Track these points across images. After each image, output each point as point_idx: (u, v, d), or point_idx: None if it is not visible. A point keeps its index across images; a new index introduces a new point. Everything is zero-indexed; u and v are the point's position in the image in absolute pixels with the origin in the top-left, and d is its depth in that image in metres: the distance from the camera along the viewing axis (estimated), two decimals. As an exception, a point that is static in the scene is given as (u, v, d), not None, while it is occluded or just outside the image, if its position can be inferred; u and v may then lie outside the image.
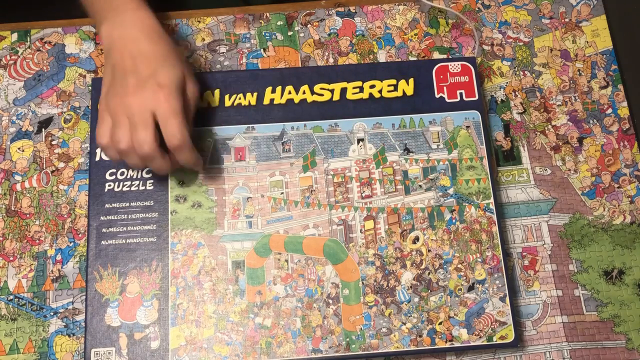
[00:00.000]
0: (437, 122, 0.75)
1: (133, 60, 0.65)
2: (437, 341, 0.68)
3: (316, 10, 0.83)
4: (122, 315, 0.67)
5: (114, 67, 0.66)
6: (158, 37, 0.67)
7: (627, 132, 0.79)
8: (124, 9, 0.68)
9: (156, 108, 0.63)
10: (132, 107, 0.63)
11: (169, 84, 0.64)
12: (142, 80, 0.64)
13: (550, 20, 0.84)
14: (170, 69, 0.65)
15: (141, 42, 0.66)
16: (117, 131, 0.63)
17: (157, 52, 0.66)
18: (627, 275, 0.74)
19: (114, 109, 0.64)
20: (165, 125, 0.63)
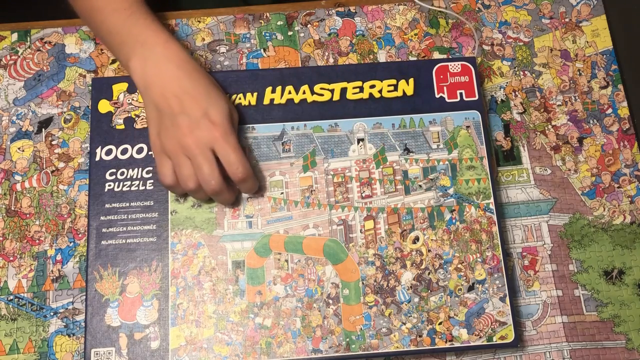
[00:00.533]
0: (437, 122, 0.75)
1: (179, 100, 0.65)
2: (437, 341, 0.68)
3: (316, 10, 0.83)
4: (122, 315, 0.67)
5: (158, 106, 0.66)
6: (196, 72, 0.67)
7: (627, 132, 0.79)
8: (154, 43, 0.67)
9: (214, 145, 0.65)
10: (191, 147, 0.64)
11: (222, 121, 0.65)
12: (195, 120, 0.64)
13: (550, 20, 0.84)
14: (218, 104, 0.66)
15: (182, 80, 0.66)
16: (182, 172, 0.65)
17: (200, 89, 0.66)
18: (627, 275, 0.74)
19: (173, 150, 0.65)
20: (228, 161, 0.65)
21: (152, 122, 0.67)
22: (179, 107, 0.65)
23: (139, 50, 0.67)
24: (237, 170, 0.65)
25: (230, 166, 0.65)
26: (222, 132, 0.65)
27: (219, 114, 0.66)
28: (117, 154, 0.72)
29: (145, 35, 0.68)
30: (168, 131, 0.65)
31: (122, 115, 0.73)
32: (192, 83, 0.66)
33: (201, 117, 0.65)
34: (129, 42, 0.68)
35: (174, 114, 0.65)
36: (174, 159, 0.65)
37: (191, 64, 0.68)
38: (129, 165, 0.71)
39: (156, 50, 0.67)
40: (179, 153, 0.65)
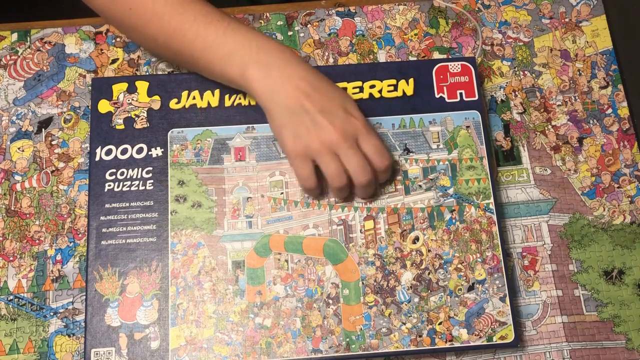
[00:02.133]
0: (437, 122, 0.75)
1: (312, 99, 0.64)
2: (437, 341, 0.68)
3: (316, 10, 0.83)
4: (122, 315, 0.67)
5: (291, 109, 0.64)
6: (314, 70, 0.68)
7: (627, 132, 0.79)
8: (269, 48, 0.66)
9: (358, 135, 0.65)
10: (339, 142, 0.64)
11: (360, 113, 0.67)
12: (336, 115, 0.64)
13: (550, 20, 0.84)
14: (348, 96, 0.68)
15: (310, 79, 0.65)
16: (332, 168, 0.65)
17: (328, 85, 0.67)
18: (627, 275, 0.74)
19: (318, 149, 0.64)
20: (375, 150, 0.66)
21: (286, 127, 0.65)
22: (315, 106, 0.64)
23: (256, 56, 0.65)
24: (382, 158, 0.66)
25: (376, 154, 0.66)
26: (363, 123, 0.66)
27: (353, 106, 0.67)
28: (117, 154, 0.72)
29: (258, 41, 0.66)
30: (310, 131, 0.64)
31: (122, 115, 0.73)
32: (319, 81, 0.66)
33: (341, 111, 0.65)
34: (240, 51, 0.66)
35: (312, 113, 0.64)
36: (321, 158, 0.64)
37: (308, 64, 0.68)
38: (129, 165, 0.71)
39: (275, 54, 0.66)
40: (325, 151, 0.64)
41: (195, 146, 0.72)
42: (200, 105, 0.74)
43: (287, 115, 0.64)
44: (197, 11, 0.67)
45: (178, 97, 0.74)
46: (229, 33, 0.66)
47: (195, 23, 0.67)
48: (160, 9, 0.67)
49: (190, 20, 0.67)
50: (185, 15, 0.67)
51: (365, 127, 0.66)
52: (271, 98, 0.65)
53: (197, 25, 0.67)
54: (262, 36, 0.68)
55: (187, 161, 0.72)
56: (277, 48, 0.67)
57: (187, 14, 0.67)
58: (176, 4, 0.67)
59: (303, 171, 0.66)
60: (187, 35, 0.67)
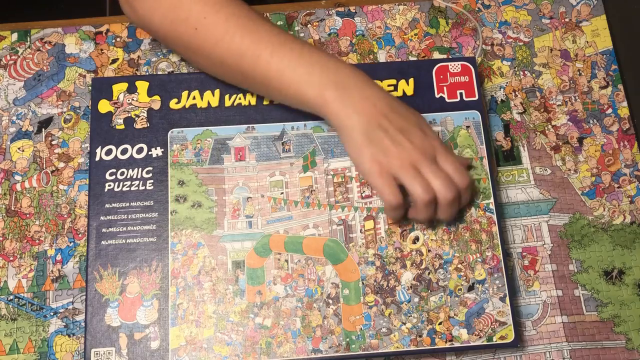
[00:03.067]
0: (437, 122, 0.75)
1: (391, 120, 0.65)
2: (437, 341, 0.68)
3: (316, 10, 0.83)
4: (122, 315, 0.67)
5: (369, 132, 0.64)
6: (383, 90, 0.68)
7: (627, 132, 0.79)
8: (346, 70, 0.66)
9: (437, 154, 0.65)
10: (420, 159, 0.64)
11: (433, 132, 0.68)
12: (415, 135, 0.65)
13: (550, 20, 0.84)
14: (421, 116, 0.68)
15: (387, 100, 0.66)
16: (419, 185, 0.64)
17: (402, 105, 0.67)
18: (627, 275, 0.74)
19: (400, 166, 0.64)
20: (454, 168, 0.66)
21: (365, 149, 0.64)
22: (395, 125, 0.64)
23: (334, 77, 0.65)
24: (463, 176, 0.66)
25: (456, 173, 0.66)
26: (440, 143, 0.66)
27: (428, 126, 0.68)
28: (117, 154, 0.72)
29: (335, 63, 0.66)
30: (390, 150, 0.64)
31: (122, 115, 0.73)
32: (395, 102, 0.67)
33: (418, 131, 0.65)
34: (317, 73, 0.65)
35: (392, 134, 0.64)
36: (405, 174, 0.64)
37: (380, 86, 0.68)
38: (129, 165, 0.71)
39: (352, 76, 0.66)
40: (408, 168, 0.64)
41: (195, 146, 0.72)
42: (200, 105, 0.74)
43: (365, 135, 0.64)
44: (270, 32, 0.66)
45: (178, 97, 0.74)
46: (304, 54, 0.66)
47: (270, 44, 0.65)
48: (232, 28, 0.66)
49: (265, 41, 0.66)
50: (258, 35, 0.66)
51: (442, 146, 0.66)
52: (349, 118, 0.64)
53: (272, 46, 0.65)
54: (336, 58, 0.68)
55: (187, 161, 0.72)
56: (352, 70, 0.67)
57: (260, 34, 0.66)
58: (248, 24, 0.66)
59: (388, 189, 0.65)
60: (261, 56, 0.65)
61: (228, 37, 0.66)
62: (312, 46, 0.68)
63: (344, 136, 0.65)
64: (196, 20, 0.67)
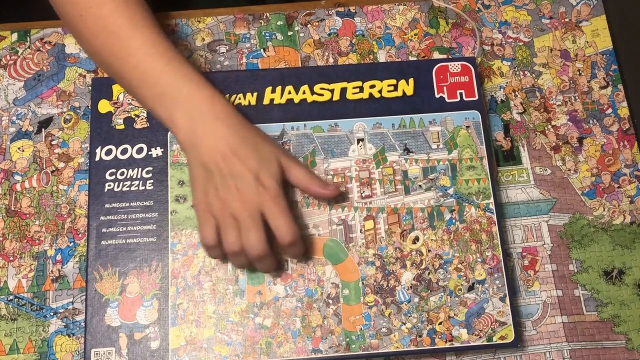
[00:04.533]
0: (437, 122, 0.75)
1: (229, 161, 0.63)
2: (437, 341, 0.68)
3: (316, 10, 0.83)
4: (122, 315, 0.67)
5: (206, 166, 0.63)
6: (244, 129, 0.66)
7: (627, 132, 0.79)
8: (201, 99, 0.65)
9: (264, 208, 0.63)
10: (240, 210, 0.62)
11: (272, 183, 0.64)
12: (246, 182, 0.63)
13: (550, 20, 0.84)
14: (269, 164, 0.65)
15: (232, 140, 0.64)
16: (228, 234, 0.63)
17: (250, 148, 0.64)
18: (627, 275, 0.74)
19: (220, 211, 0.63)
20: (277, 226, 0.63)
21: (198, 181, 0.64)
22: (228, 168, 0.63)
23: (184, 106, 0.64)
24: (286, 234, 0.63)
25: (279, 230, 0.63)
26: (273, 195, 0.63)
27: (269, 175, 0.64)
28: (117, 154, 0.72)
29: (190, 89, 0.65)
30: (217, 192, 0.63)
31: (122, 115, 0.73)
32: (242, 142, 0.64)
33: (252, 180, 0.63)
34: (171, 96, 0.65)
35: (224, 175, 0.63)
36: (220, 221, 0.63)
37: (239, 121, 0.66)
38: (129, 165, 0.71)
39: (204, 107, 0.65)
40: (225, 214, 0.63)
41: (195, 146, 0.72)
42: (200, 105, 0.73)
43: (201, 170, 0.64)
44: (145, 38, 0.66)
45: (178, 97, 0.74)
46: (166, 72, 0.65)
47: (140, 50, 0.65)
48: (110, 26, 0.66)
49: (136, 46, 0.65)
50: (132, 39, 0.65)
51: (274, 200, 0.63)
52: (191, 150, 0.64)
53: (140, 53, 0.65)
54: (198, 82, 0.66)
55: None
56: (208, 100, 0.65)
57: (135, 39, 0.66)
58: (127, 24, 0.66)
59: (203, 227, 0.64)
60: (129, 60, 0.66)
61: (105, 33, 0.66)
62: (183, 62, 0.66)
63: (188, 166, 0.66)
64: (83, 7, 0.67)
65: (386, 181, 0.73)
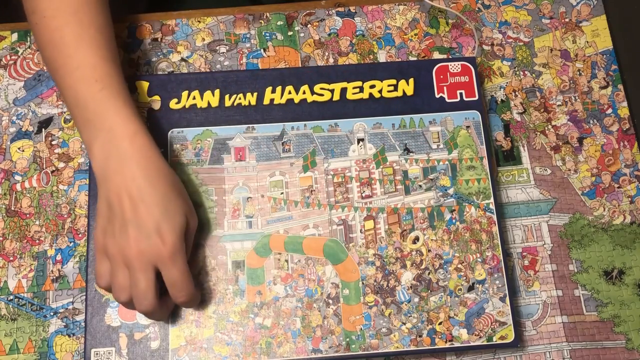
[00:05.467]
0: (437, 122, 0.75)
1: (133, 206, 0.60)
2: (437, 341, 0.68)
3: (316, 10, 0.83)
4: (122, 315, 0.67)
5: (110, 204, 0.61)
6: (158, 175, 0.63)
7: (627, 132, 0.79)
8: (121, 135, 0.62)
9: (159, 264, 0.60)
10: (133, 260, 0.60)
11: (173, 239, 0.61)
12: (145, 233, 0.60)
13: (550, 20, 0.84)
14: (173, 218, 0.61)
15: (141, 184, 0.61)
16: (117, 281, 0.61)
17: (157, 197, 0.61)
18: (627, 275, 0.74)
19: (114, 256, 0.61)
20: (172, 283, 0.61)
21: (101, 218, 0.62)
22: (131, 213, 0.60)
23: (103, 137, 0.62)
24: (179, 293, 0.62)
25: (174, 288, 0.61)
26: (170, 252, 0.60)
27: (171, 230, 0.60)
28: (117, 154, 0.71)
29: (113, 121, 0.62)
30: (114, 235, 0.60)
31: (122, 115, 0.73)
32: (151, 189, 0.61)
33: (152, 231, 0.60)
34: (94, 124, 0.63)
35: (125, 219, 0.60)
36: (113, 265, 0.61)
37: (155, 165, 0.63)
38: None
39: (122, 143, 0.62)
40: (119, 261, 0.60)
41: (195, 146, 0.72)
42: (200, 105, 0.74)
43: (106, 207, 0.62)
44: (86, 58, 0.64)
45: (178, 97, 0.74)
46: (96, 99, 0.63)
47: (77, 72, 0.64)
48: (56, 40, 0.65)
49: (74, 66, 0.64)
50: (72, 58, 0.64)
51: (170, 256, 0.60)
52: (101, 184, 0.62)
53: (77, 75, 0.64)
54: (124, 116, 0.63)
55: (187, 161, 0.72)
56: (129, 137, 0.62)
57: (75, 58, 0.64)
58: (73, 41, 0.64)
59: (98, 267, 0.62)
60: (66, 79, 0.64)
61: (51, 47, 0.65)
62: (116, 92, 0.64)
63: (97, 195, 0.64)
64: (38, 16, 0.66)
65: (386, 181, 0.73)
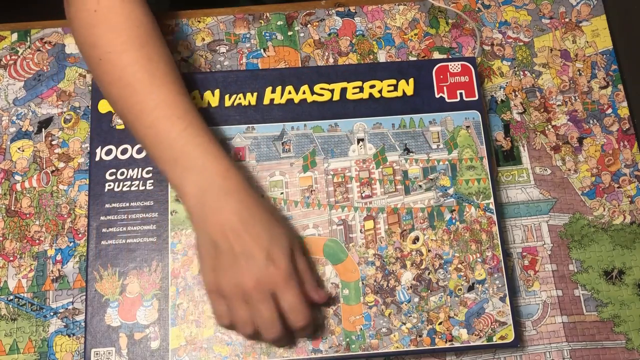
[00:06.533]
0: (437, 122, 0.75)
1: (240, 239, 0.60)
2: (437, 341, 0.68)
3: (316, 10, 0.83)
4: (122, 315, 0.67)
5: (215, 242, 0.60)
6: (257, 205, 0.62)
7: (627, 132, 0.79)
8: (215, 172, 0.61)
9: (276, 290, 0.60)
10: (251, 292, 0.59)
11: (285, 263, 0.61)
12: (257, 262, 0.60)
13: (550, 20, 0.84)
14: (281, 242, 0.61)
15: (244, 216, 0.61)
16: (239, 316, 0.61)
17: (262, 226, 0.61)
18: (627, 275, 0.74)
19: (230, 292, 0.60)
20: (290, 308, 0.61)
21: (207, 257, 0.61)
22: (239, 247, 0.60)
23: (196, 176, 0.61)
24: (297, 317, 0.61)
25: (292, 314, 0.61)
26: (285, 277, 0.60)
27: (281, 255, 0.61)
28: (117, 154, 0.72)
29: (205, 159, 0.62)
30: (226, 271, 0.60)
31: (122, 115, 0.73)
32: (254, 219, 0.61)
33: (264, 259, 0.60)
34: (183, 163, 0.62)
35: (235, 253, 0.60)
36: (230, 302, 0.61)
37: (252, 196, 0.63)
38: (129, 165, 0.71)
39: (217, 181, 0.61)
40: (237, 296, 0.60)
41: (195, 146, 0.72)
42: (200, 105, 0.73)
43: (210, 246, 0.61)
44: (164, 97, 0.63)
45: (178, 97, 0.74)
46: (182, 137, 0.62)
47: (156, 111, 0.62)
48: (128, 77, 0.63)
49: (152, 106, 0.63)
50: (150, 96, 0.63)
51: (285, 279, 0.60)
52: (200, 224, 0.62)
53: (156, 113, 0.62)
54: (214, 153, 0.63)
55: (187, 161, 0.72)
56: (222, 173, 0.62)
57: (153, 96, 0.63)
58: (146, 78, 0.63)
59: (216, 307, 0.62)
60: (144, 118, 0.63)
61: (122, 84, 0.63)
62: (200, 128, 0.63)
63: (195, 238, 0.64)
64: (102, 51, 0.64)
65: (386, 181, 0.73)
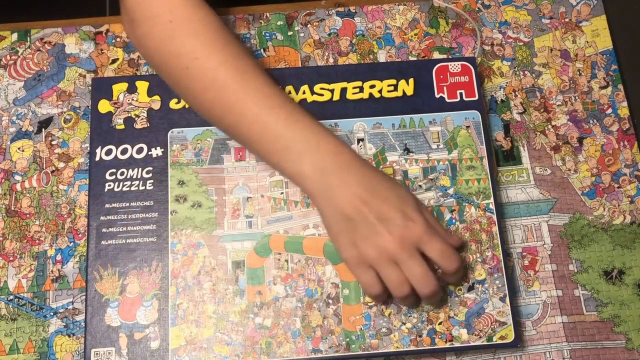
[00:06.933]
0: (437, 122, 0.75)
1: (371, 206, 0.61)
2: (437, 341, 0.68)
3: (316, 10, 0.83)
4: (122, 315, 0.67)
5: (347, 215, 0.61)
6: (374, 172, 0.64)
7: (627, 132, 0.79)
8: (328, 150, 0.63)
9: (420, 244, 0.61)
10: (398, 252, 0.61)
11: (419, 216, 0.62)
12: (396, 223, 0.61)
13: (550, 20, 0.84)
14: (408, 199, 0.63)
15: (368, 184, 0.62)
16: (393, 279, 0.61)
17: (386, 190, 0.63)
18: (627, 275, 0.74)
19: (377, 258, 0.61)
20: (439, 255, 0.62)
21: (342, 234, 0.62)
22: (374, 214, 0.61)
23: (312, 158, 0.62)
24: (449, 261, 0.62)
25: (443, 259, 0.62)
26: (425, 229, 0.62)
27: (415, 211, 0.62)
28: (117, 154, 0.72)
29: (317, 140, 0.63)
30: (368, 240, 0.61)
31: (122, 115, 0.73)
32: (378, 186, 0.63)
33: (401, 219, 0.61)
34: (295, 149, 0.63)
35: (371, 221, 0.61)
36: (380, 267, 0.61)
37: (367, 166, 0.65)
38: (129, 165, 0.71)
39: (332, 157, 0.63)
40: (384, 260, 0.61)
41: (195, 146, 0.72)
42: (200, 105, 0.73)
43: (343, 221, 0.62)
44: (260, 90, 0.64)
45: (178, 97, 0.74)
46: (289, 124, 0.63)
47: (258, 105, 0.63)
48: (221, 78, 0.63)
49: (252, 100, 0.63)
50: (247, 92, 0.63)
51: (426, 231, 0.62)
52: (327, 203, 0.62)
53: (259, 107, 0.63)
54: (321, 131, 0.64)
55: (187, 161, 0.72)
56: (335, 148, 0.63)
57: (249, 91, 0.63)
58: (238, 76, 0.63)
59: (365, 279, 0.63)
60: (246, 115, 0.63)
61: (216, 87, 0.63)
62: (301, 113, 0.65)
63: (323, 219, 0.65)
64: (187, 58, 0.64)
65: (386, 181, 0.73)
